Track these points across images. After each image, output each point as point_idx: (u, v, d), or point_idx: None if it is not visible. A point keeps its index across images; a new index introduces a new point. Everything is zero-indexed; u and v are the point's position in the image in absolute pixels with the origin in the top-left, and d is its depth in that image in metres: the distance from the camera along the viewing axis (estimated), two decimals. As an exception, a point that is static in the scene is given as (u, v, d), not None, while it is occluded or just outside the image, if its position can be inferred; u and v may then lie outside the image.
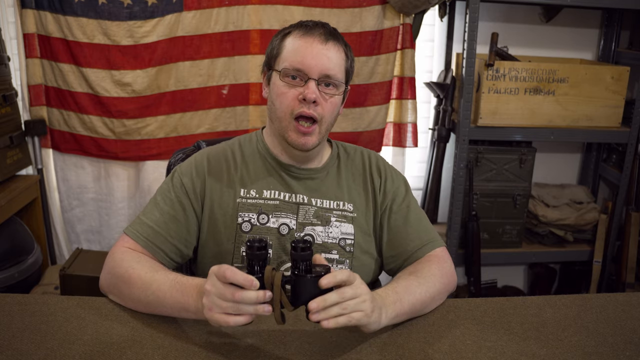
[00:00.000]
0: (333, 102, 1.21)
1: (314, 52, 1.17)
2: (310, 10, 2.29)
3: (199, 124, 2.37)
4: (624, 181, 2.50)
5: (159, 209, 1.22)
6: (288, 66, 1.18)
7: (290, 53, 1.19)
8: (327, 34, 1.20)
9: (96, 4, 2.18)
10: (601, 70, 2.34)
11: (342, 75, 1.22)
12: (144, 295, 1.07)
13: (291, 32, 1.22)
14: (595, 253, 2.57)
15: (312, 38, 1.18)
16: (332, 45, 1.19)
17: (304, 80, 1.18)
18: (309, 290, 0.93)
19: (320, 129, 1.21)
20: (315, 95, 1.16)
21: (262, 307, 0.92)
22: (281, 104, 1.20)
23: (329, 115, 1.21)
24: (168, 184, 1.25)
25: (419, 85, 2.49)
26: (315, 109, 1.18)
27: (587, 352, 1.01)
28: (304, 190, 1.27)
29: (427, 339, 1.04)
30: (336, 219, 1.25)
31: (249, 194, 1.25)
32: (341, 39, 1.24)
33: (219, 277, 0.91)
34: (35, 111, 2.31)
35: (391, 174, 1.33)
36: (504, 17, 2.55)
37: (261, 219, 1.23)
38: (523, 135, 2.37)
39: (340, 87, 1.21)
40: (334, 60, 1.19)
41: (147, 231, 1.19)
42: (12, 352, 0.95)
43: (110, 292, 1.15)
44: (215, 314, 0.92)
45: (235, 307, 0.91)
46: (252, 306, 0.91)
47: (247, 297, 0.90)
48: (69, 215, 2.47)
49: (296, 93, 1.18)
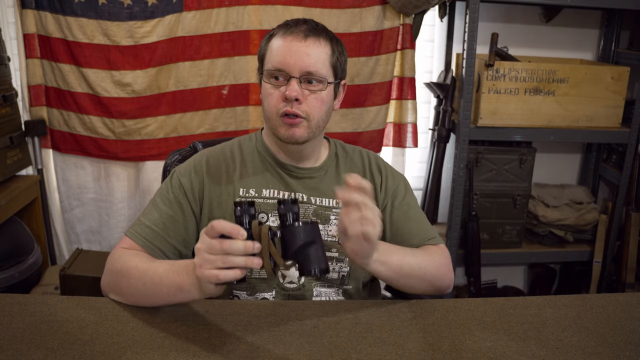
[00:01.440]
0: (318, 98, 1.20)
1: (293, 50, 1.18)
2: (310, 10, 2.30)
3: (199, 125, 2.37)
4: (624, 181, 2.50)
5: (158, 209, 1.23)
6: (271, 67, 1.19)
7: (273, 54, 1.20)
8: (307, 31, 1.20)
9: (96, 4, 2.18)
10: (601, 70, 2.34)
11: (326, 70, 1.21)
12: (141, 284, 1.08)
13: (275, 33, 1.22)
14: (595, 253, 2.57)
15: (292, 36, 1.19)
16: (312, 41, 1.19)
17: (287, 79, 1.18)
18: (296, 239, 0.94)
19: (309, 124, 1.20)
20: (297, 93, 1.17)
21: (251, 260, 0.92)
22: (268, 104, 1.21)
23: (315, 111, 1.20)
24: (167, 184, 1.26)
25: (419, 86, 2.49)
26: (298, 107, 1.18)
27: (587, 352, 1.01)
28: (303, 189, 1.27)
29: (427, 339, 1.04)
30: (335, 217, 1.26)
31: (248, 193, 1.25)
32: (325, 33, 1.23)
33: (208, 232, 0.93)
34: (35, 111, 2.31)
35: (391, 172, 1.34)
36: (504, 17, 2.55)
37: (260, 217, 1.23)
38: (523, 136, 2.37)
39: (324, 82, 1.21)
40: (314, 56, 1.18)
41: (146, 231, 1.20)
42: (12, 352, 0.95)
43: (111, 291, 1.15)
44: (206, 270, 0.93)
45: (225, 258, 0.91)
46: (241, 258, 0.91)
47: (236, 246, 0.91)
48: (69, 216, 2.48)
49: (280, 93, 1.19)
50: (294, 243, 0.94)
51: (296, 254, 0.95)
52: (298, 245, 0.94)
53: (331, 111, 1.26)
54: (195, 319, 1.08)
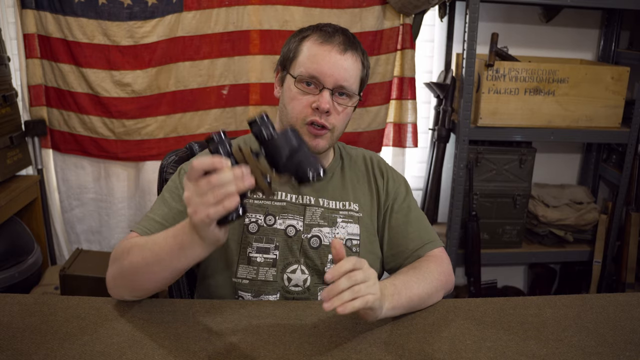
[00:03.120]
0: (346, 112, 1.22)
1: (332, 62, 1.16)
2: (310, 10, 2.30)
3: (199, 125, 2.37)
4: (624, 181, 2.50)
5: (167, 204, 1.20)
6: (304, 72, 1.17)
7: (307, 59, 1.18)
8: (346, 43, 1.19)
9: (96, 4, 2.18)
10: (601, 70, 2.34)
11: (356, 86, 1.21)
12: (141, 258, 1.04)
13: (309, 36, 1.20)
14: (595, 253, 2.57)
15: (331, 46, 1.17)
16: (350, 55, 1.18)
17: (319, 88, 1.17)
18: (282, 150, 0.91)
19: (332, 135, 1.21)
20: (329, 106, 1.16)
21: (242, 182, 0.88)
22: (293, 109, 1.19)
23: (340, 124, 1.22)
24: (175, 181, 1.24)
25: (419, 86, 2.49)
26: (327, 118, 1.18)
27: (587, 352, 1.01)
28: (311, 191, 1.27)
29: (427, 339, 1.04)
30: (342, 220, 1.26)
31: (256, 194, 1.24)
32: (359, 47, 1.23)
33: (190, 177, 0.89)
34: (35, 111, 2.31)
35: (392, 174, 1.35)
36: (504, 17, 2.55)
37: (268, 220, 1.23)
38: (523, 136, 2.37)
39: (353, 97, 1.21)
40: (350, 71, 1.18)
41: (155, 226, 1.17)
42: (12, 352, 0.95)
43: (115, 283, 1.11)
44: (201, 213, 0.88)
45: (217, 193, 0.87)
46: (233, 185, 0.87)
47: (224, 177, 0.87)
48: (69, 216, 2.48)
49: (310, 100, 1.17)
50: (280, 155, 0.91)
51: (287, 166, 0.91)
52: (285, 155, 0.91)
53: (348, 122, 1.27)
54: (195, 319, 1.08)
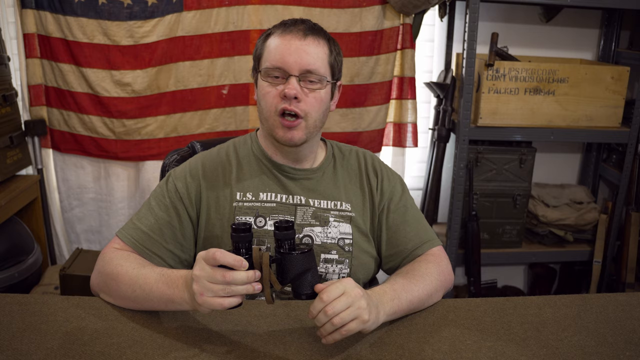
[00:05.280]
0: (317, 97, 1.20)
1: (292, 49, 1.17)
2: (310, 10, 2.30)
3: (199, 124, 2.37)
4: (624, 181, 2.50)
5: (154, 214, 1.21)
6: (269, 65, 1.19)
7: (271, 52, 1.19)
8: (306, 29, 1.20)
9: (96, 4, 2.18)
10: (601, 70, 2.34)
11: (325, 70, 1.20)
12: (131, 291, 1.08)
13: (272, 33, 1.22)
14: (595, 253, 2.57)
15: (291, 35, 1.18)
16: (311, 40, 1.19)
17: (285, 77, 1.18)
18: (294, 267, 0.97)
19: (307, 124, 1.20)
20: (296, 91, 1.16)
21: (252, 288, 0.94)
22: (265, 103, 1.20)
23: (313, 110, 1.20)
24: (162, 188, 1.25)
25: (419, 85, 2.49)
26: (297, 105, 1.17)
27: (587, 352, 1.01)
28: (301, 190, 1.27)
29: (427, 339, 1.04)
30: (334, 219, 1.25)
31: (245, 197, 1.24)
32: (323, 33, 1.23)
33: (208, 261, 0.93)
34: (35, 111, 2.31)
35: (387, 173, 1.33)
36: (504, 17, 2.55)
37: (258, 222, 1.23)
38: (523, 135, 2.37)
39: (323, 81, 1.20)
40: (313, 54, 1.18)
41: (142, 237, 1.19)
42: (12, 352, 0.95)
43: (101, 291, 1.15)
44: (208, 298, 0.93)
45: (227, 288, 0.92)
46: (243, 286, 0.93)
47: (238, 277, 0.92)
48: (69, 215, 2.48)
49: (278, 91, 1.18)
50: (291, 271, 0.98)
51: (292, 280, 0.98)
52: (295, 273, 0.98)
53: (328, 112, 1.26)
54: (195, 319, 1.08)
